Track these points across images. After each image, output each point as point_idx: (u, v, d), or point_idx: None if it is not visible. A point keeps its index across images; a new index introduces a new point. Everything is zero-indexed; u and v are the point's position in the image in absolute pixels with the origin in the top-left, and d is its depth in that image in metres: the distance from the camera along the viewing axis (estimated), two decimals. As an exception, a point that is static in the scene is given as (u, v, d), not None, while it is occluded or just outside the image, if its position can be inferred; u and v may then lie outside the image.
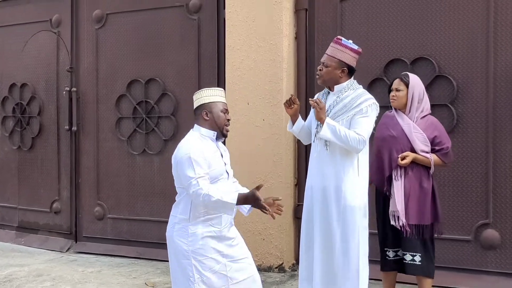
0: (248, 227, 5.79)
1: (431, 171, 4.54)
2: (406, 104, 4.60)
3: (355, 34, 5.48)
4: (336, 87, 4.39)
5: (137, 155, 6.74)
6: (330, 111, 4.35)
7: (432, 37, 5.29)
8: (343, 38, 4.38)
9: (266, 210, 3.62)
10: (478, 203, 5.16)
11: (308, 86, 5.81)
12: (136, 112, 6.74)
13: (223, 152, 3.89)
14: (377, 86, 5.38)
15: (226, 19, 6.01)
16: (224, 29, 6.07)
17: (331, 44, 4.39)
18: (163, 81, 6.56)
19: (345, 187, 4.25)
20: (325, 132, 4.20)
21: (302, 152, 5.83)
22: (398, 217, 4.46)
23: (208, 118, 3.83)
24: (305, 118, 5.11)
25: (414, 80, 4.62)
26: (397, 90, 4.61)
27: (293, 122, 4.54)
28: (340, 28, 5.65)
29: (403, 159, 4.47)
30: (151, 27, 6.62)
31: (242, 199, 3.64)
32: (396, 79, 4.69)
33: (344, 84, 4.38)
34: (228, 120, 3.89)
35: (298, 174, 5.87)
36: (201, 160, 3.66)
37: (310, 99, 4.38)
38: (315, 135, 4.39)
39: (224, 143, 4.00)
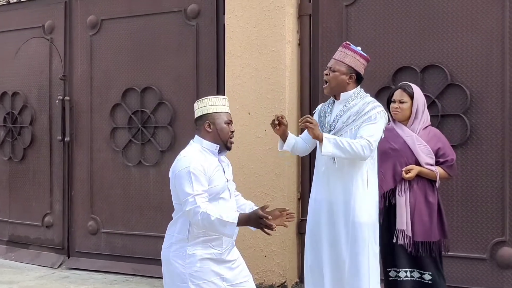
0: (248, 243, 5.58)
1: (437, 184, 4.38)
2: (409, 117, 4.45)
3: (362, 40, 5.31)
4: (342, 95, 4.19)
5: (133, 167, 6.58)
6: (337, 121, 4.15)
7: (443, 43, 5.08)
8: (351, 44, 4.22)
9: (271, 229, 3.32)
10: (493, 220, 4.94)
11: (312, 95, 5.62)
12: (131, 122, 6.58)
13: (225, 167, 3.65)
14: (385, 95, 5.09)
15: (226, 24, 5.84)
16: (224, 35, 5.90)
17: (339, 48, 4.23)
18: (159, 89, 6.40)
19: (354, 202, 4.05)
20: (327, 148, 3.96)
21: (306, 165, 5.62)
22: (404, 234, 4.29)
23: (210, 130, 3.59)
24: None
25: (417, 91, 4.48)
26: (400, 102, 4.45)
27: (283, 140, 4.32)
28: (345, 34, 5.46)
29: (407, 172, 4.30)
30: (147, 34, 6.48)
31: (244, 219, 3.38)
32: (396, 90, 4.53)
33: (351, 92, 4.19)
34: (232, 132, 3.66)
35: (301, 188, 5.67)
36: (201, 176, 3.42)
37: (299, 120, 4.16)
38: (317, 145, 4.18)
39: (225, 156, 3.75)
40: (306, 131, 4.39)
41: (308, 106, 5.59)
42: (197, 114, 3.65)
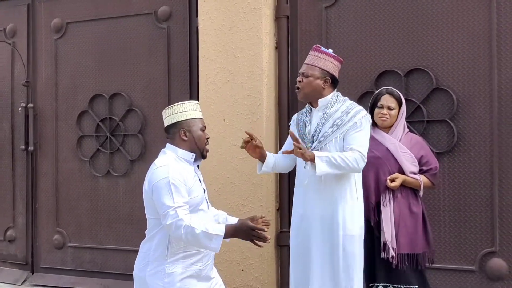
0: (225, 256, 5.36)
1: (421, 193, 4.24)
2: (393, 123, 4.32)
3: (342, 44, 5.17)
4: (320, 102, 4.02)
5: (101, 177, 6.38)
6: (320, 131, 3.97)
7: (428, 46, 4.92)
8: (322, 46, 4.07)
9: (264, 241, 3.16)
10: (482, 230, 4.77)
11: (291, 101, 5.42)
12: (99, 130, 6.38)
13: (200, 177, 3.46)
14: (367, 100, 4.93)
15: (199, 27, 5.65)
16: (197, 39, 5.71)
17: (310, 52, 4.07)
18: (129, 95, 6.21)
19: (343, 215, 3.88)
20: (321, 168, 3.78)
21: (285, 174, 5.36)
22: (388, 246, 4.13)
23: (186, 138, 3.40)
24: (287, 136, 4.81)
25: (403, 97, 4.35)
26: (389, 108, 4.29)
27: (261, 161, 4.11)
28: (325, 37, 5.28)
29: (392, 181, 4.13)
30: (116, 37, 6.29)
31: (231, 231, 3.19)
32: (383, 94, 4.35)
33: (329, 97, 4.02)
34: (207, 139, 3.50)
35: (280, 198, 5.45)
36: (181, 186, 3.23)
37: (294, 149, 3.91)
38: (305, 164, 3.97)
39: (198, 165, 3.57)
40: (286, 144, 4.24)
41: (286, 112, 5.39)
42: (169, 121, 3.47)
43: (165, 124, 3.48)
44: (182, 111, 3.45)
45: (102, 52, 6.35)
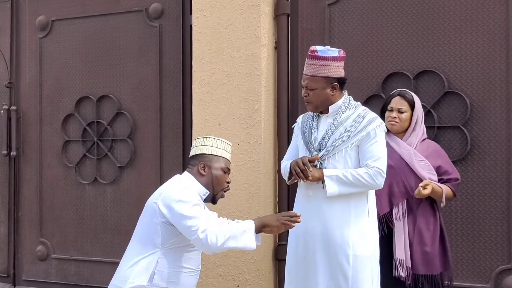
0: (220, 271, 5.14)
1: (442, 204, 3.93)
2: (406, 129, 4.05)
3: (347, 43, 4.93)
4: (330, 108, 3.74)
5: (87, 185, 6.20)
6: (328, 139, 3.67)
7: (440, 46, 4.70)
8: (318, 48, 3.75)
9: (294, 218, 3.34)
10: (498, 245, 4.53)
11: (290, 104, 5.20)
12: (86, 135, 6.20)
13: None
14: (374, 104, 4.78)
15: (193, 25, 5.44)
16: (190, 38, 5.51)
17: (307, 61, 3.77)
18: (118, 98, 6.02)
19: (354, 234, 3.56)
20: (332, 189, 3.55)
21: (284, 182, 5.05)
22: (402, 264, 3.87)
23: (205, 173, 3.32)
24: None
25: (417, 99, 4.07)
26: (400, 111, 4.02)
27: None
28: (328, 36, 5.04)
29: (424, 188, 3.81)
30: (104, 36, 6.10)
31: (260, 225, 3.30)
32: (394, 97, 4.10)
33: (340, 102, 3.73)
34: (228, 183, 3.46)
35: (279, 209, 5.22)
36: (199, 205, 3.26)
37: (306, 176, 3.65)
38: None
39: None
40: (291, 149, 3.99)
41: (286, 116, 5.17)
42: (193, 152, 3.43)
43: (190, 154, 3.43)
44: (210, 145, 3.39)
45: (89, 52, 6.19)
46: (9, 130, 6.47)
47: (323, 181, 3.55)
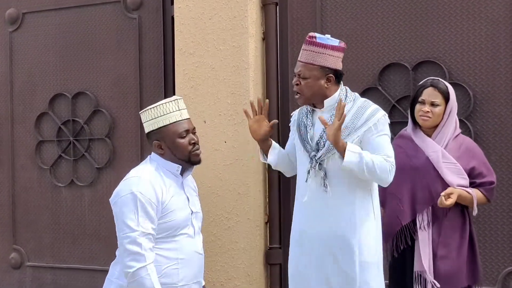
0: (207, 277, 4.92)
1: (474, 212, 3.63)
2: (438, 123, 3.71)
3: (340, 34, 4.75)
4: (325, 102, 3.49)
5: (63, 188, 6.02)
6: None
7: (440, 35, 4.55)
8: (317, 34, 3.55)
9: None
10: (505, 246, 4.38)
11: (280, 98, 5.04)
12: (61, 134, 6.02)
13: (189, 196, 3.07)
14: (370, 97, 4.58)
15: (174, 16, 5.26)
16: (172, 30, 5.33)
17: (304, 46, 3.56)
18: (95, 95, 5.84)
19: (360, 238, 3.33)
20: (350, 158, 3.23)
21: (275, 182, 5.01)
22: (425, 279, 3.57)
23: (163, 151, 3.09)
24: (278, 140, 4.57)
25: (451, 89, 3.70)
26: (433, 104, 3.67)
27: (265, 150, 3.71)
28: (320, 26, 4.86)
29: (447, 197, 3.47)
30: (79, 29, 5.92)
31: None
32: (426, 87, 3.77)
33: (336, 95, 3.50)
34: (194, 142, 3.21)
35: (269, 210, 5.02)
36: (151, 206, 2.92)
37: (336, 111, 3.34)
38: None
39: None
40: (290, 143, 3.78)
41: (276, 111, 4.98)
42: (145, 129, 3.23)
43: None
44: (154, 116, 3.15)
45: (64, 46, 6.01)
46: (-22, 131, 6.29)
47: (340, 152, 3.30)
